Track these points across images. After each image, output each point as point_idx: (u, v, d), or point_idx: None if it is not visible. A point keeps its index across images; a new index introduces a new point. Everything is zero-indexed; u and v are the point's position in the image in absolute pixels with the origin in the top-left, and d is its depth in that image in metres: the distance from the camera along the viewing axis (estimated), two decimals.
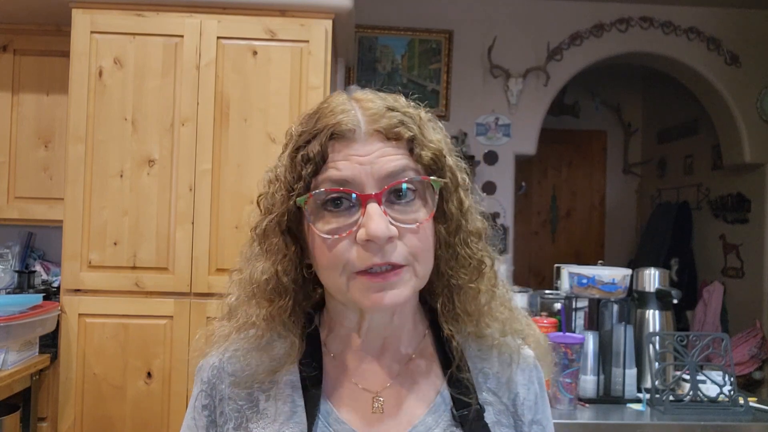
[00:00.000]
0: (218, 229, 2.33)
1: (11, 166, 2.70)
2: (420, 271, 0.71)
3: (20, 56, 2.72)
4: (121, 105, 2.34)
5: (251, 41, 2.37)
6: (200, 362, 0.81)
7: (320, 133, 0.69)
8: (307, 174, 0.69)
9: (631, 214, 5.69)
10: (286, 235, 0.74)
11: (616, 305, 1.92)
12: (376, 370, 0.77)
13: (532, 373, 0.81)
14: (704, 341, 1.88)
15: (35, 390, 2.25)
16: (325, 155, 0.69)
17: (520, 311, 0.83)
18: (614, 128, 5.69)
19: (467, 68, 4.02)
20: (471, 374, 0.78)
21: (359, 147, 0.69)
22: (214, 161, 2.34)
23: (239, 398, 0.76)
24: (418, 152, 0.70)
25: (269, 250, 0.74)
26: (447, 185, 0.73)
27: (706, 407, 1.81)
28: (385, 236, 0.66)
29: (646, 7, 4.02)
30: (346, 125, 0.69)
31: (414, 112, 0.74)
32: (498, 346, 0.79)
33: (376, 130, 0.69)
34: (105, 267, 2.31)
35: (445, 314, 0.78)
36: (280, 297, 0.74)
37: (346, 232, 0.68)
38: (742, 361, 3.84)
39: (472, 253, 0.75)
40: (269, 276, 0.74)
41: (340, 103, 0.72)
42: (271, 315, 0.75)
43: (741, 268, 4.29)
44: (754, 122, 4.03)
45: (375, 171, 0.68)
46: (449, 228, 0.74)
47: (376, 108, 0.71)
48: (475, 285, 0.76)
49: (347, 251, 0.68)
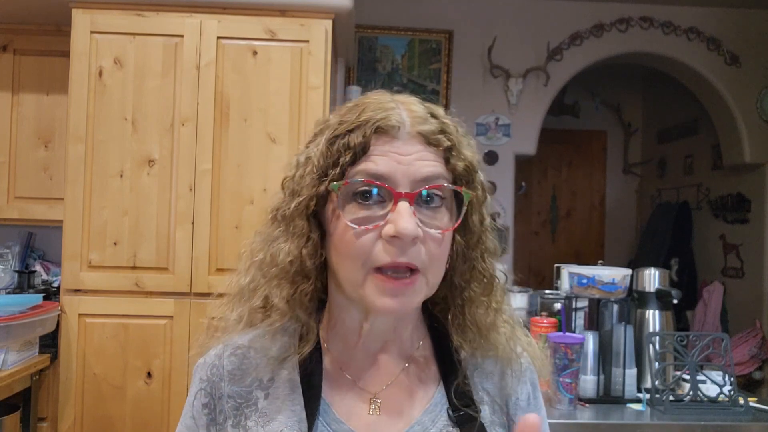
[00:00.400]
0: (218, 229, 2.33)
1: (11, 166, 2.70)
2: (431, 280, 0.71)
3: (20, 56, 2.72)
4: (121, 105, 2.34)
5: (251, 41, 2.37)
6: (199, 360, 0.81)
7: (365, 124, 0.70)
8: (345, 162, 0.70)
9: (631, 214, 5.69)
10: (312, 219, 0.74)
11: (616, 305, 1.92)
12: (375, 370, 0.77)
13: (524, 374, 0.82)
14: (704, 341, 1.88)
15: (35, 390, 2.25)
16: (367, 147, 0.69)
17: (521, 328, 0.84)
18: (614, 128, 5.69)
19: (467, 68, 4.01)
20: (468, 375, 0.79)
21: (400, 145, 0.70)
22: (214, 161, 2.34)
23: (238, 396, 0.76)
24: (454, 163, 0.72)
25: (294, 233, 0.74)
26: (474, 199, 0.74)
27: (706, 407, 1.81)
28: (413, 235, 0.66)
29: (646, 7, 4.01)
30: (391, 121, 0.70)
31: (452, 123, 0.75)
32: (496, 355, 0.80)
33: (419, 132, 0.71)
34: (105, 267, 2.31)
35: (455, 325, 0.79)
36: (303, 280, 0.75)
37: (373, 224, 0.68)
38: (742, 361, 3.84)
39: (488, 268, 0.77)
40: (293, 258, 0.74)
41: (385, 101, 0.73)
42: (293, 297, 0.75)
43: (741, 268, 4.29)
44: (754, 122, 4.03)
45: (411, 172, 0.69)
46: (469, 241, 0.76)
47: (420, 112, 0.73)
48: (486, 299, 0.78)
49: (371, 244, 0.68)
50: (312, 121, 2.36)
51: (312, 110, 2.36)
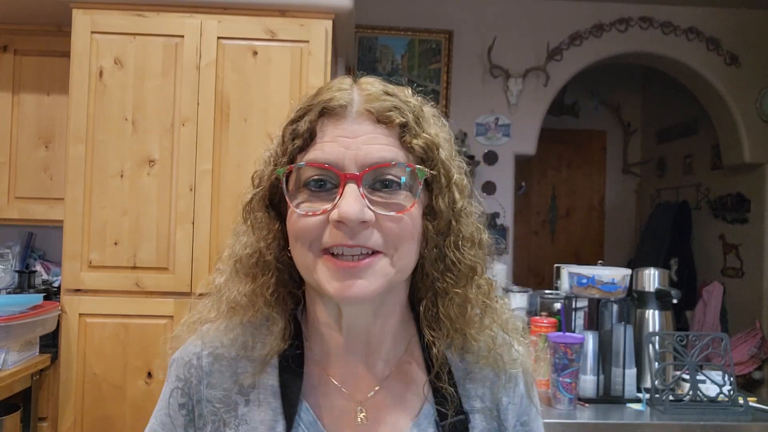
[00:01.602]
0: (218, 229, 2.33)
1: (11, 166, 2.70)
2: (399, 262, 0.67)
3: (20, 56, 2.72)
4: (122, 105, 2.34)
5: (251, 41, 2.37)
6: (174, 354, 0.79)
7: (312, 108, 0.68)
8: (293, 149, 0.68)
9: (631, 214, 5.70)
10: (270, 210, 0.73)
11: (616, 305, 1.92)
12: (361, 375, 0.74)
13: (516, 379, 0.78)
14: (704, 341, 1.88)
15: (35, 390, 2.25)
16: (313, 132, 0.67)
17: (516, 333, 0.79)
18: (614, 128, 5.69)
19: (467, 68, 4.02)
20: (456, 381, 0.75)
21: (347, 126, 0.67)
22: (214, 161, 2.34)
23: (217, 401, 0.73)
24: (408, 140, 0.68)
25: (254, 225, 0.73)
26: (437, 180, 0.70)
27: (706, 407, 1.81)
28: (357, 218, 0.63)
29: (646, 7, 4.02)
30: (337, 101, 0.67)
31: (414, 102, 0.71)
32: (486, 363, 0.76)
33: (367, 110, 0.67)
34: (105, 267, 2.32)
35: (428, 318, 0.74)
36: (263, 273, 0.72)
37: (321, 209, 0.65)
38: (742, 360, 3.84)
39: (462, 258, 0.71)
40: (252, 251, 0.72)
41: (340, 83, 0.71)
42: (254, 292, 0.72)
43: (740, 268, 4.29)
44: (754, 122, 4.03)
45: (361, 156, 0.65)
46: (438, 226, 0.70)
47: (374, 90, 0.69)
48: (462, 291, 0.72)
49: (320, 228, 0.65)
50: None
51: None
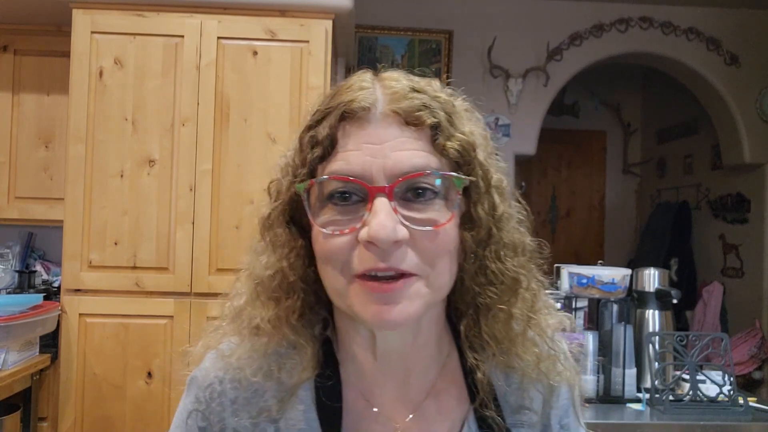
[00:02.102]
0: (218, 229, 2.33)
1: (11, 166, 2.70)
2: (435, 282, 0.60)
3: (20, 56, 2.72)
4: (122, 105, 2.34)
5: (251, 41, 2.37)
6: (193, 373, 0.71)
7: (332, 112, 0.60)
8: (313, 159, 0.61)
9: (631, 214, 5.69)
10: (291, 225, 0.65)
11: (616, 305, 1.92)
12: (398, 398, 0.67)
13: (561, 398, 0.73)
14: (704, 341, 1.88)
15: (35, 390, 2.25)
16: (335, 139, 0.60)
17: (561, 348, 0.71)
18: (614, 128, 5.69)
19: (467, 68, 4.01)
20: (500, 405, 0.69)
21: (373, 130, 0.59)
22: (214, 161, 2.34)
23: (245, 429, 0.66)
24: (442, 143, 0.60)
25: (274, 243, 0.65)
26: (476, 185, 0.62)
27: (706, 407, 1.81)
28: (390, 239, 0.56)
29: (646, 8, 4.01)
30: (359, 103, 0.59)
31: (445, 97, 0.64)
32: (531, 382, 0.69)
33: (393, 111, 0.60)
34: (105, 267, 2.31)
35: (470, 339, 0.67)
36: (287, 296, 0.65)
37: (348, 228, 0.58)
38: (742, 360, 3.84)
39: (505, 269, 0.64)
40: (274, 272, 0.65)
41: (360, 80, 0.63)
42: (278, 317, 0.65)
43: (740, 268, 4.29)
44: (754, 122, 4.03)
45: (389, 166, 0.58)
46: (477, 236, 0.63)
47: (399, 87, 0.61)
48: (506, 307, 0.65)
49: (348, 250, 0.58)
50: None
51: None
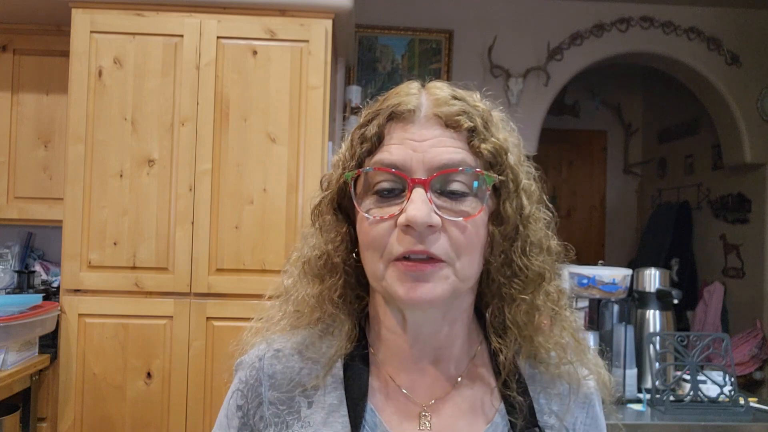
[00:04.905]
0: (218, 229, 2.33)
1: (11, 166, 2.70)
2: (461, 271, 0.67)
3: (20, 56, 2.72)
4: (121, 105, 2.34)
5: (251, 41, 2.37)
6: (239, 358, 0.79)
7: (381, 113, 0.69)
8: (361, 153, 0.69)
9: (632, 214, 5.69)
10: (338, 213, 0.74)
11: (617, 305, 1.92)
12: (427, 382, 0.73)
13: (589, 398, 0.77)
14: (705, 341, 1.88)
15: (35, 390, 2.25)
16: (381, 136, 0.69)
17: (587, 344, 0.78)
18: (614, 128, 5.68)
19: (467, 68, 4.01)
20: (527, 390, 0.73)
21: (416, 130, 0.67)
22: (214, 161, 2.34)
23: (280, 402, 0.73)
24: (477, 144, 0.68)
25: (322, 228, 0.75)
26: (505, 185, 0.70)
27: (707, 407, 1.81)
28: (425, 222, 0.63)
29: (647, 7, 4.01)
30: (406, 106, 0.68)
31: (483, 107, 0.72)
32: (559, 374, 0.75)
33: (435, 114, 0.68)
34: (105, 267, 2.31)
35: (494, 325, 0.74)
36: (330, 275, 0.74)
37: (389, 215, 0.66)
38: (743, 361, 3.84)
39: (530, 264, 0.71)
40: (320, 253, 0.74)
41: (408, 87, 0.72)
42: (321, 293, 0.74)
43: (741, 268, 4.28)
44: (755, 122, 4.02)
45: (428, 159, 0.66)
46: (505, 231, 0.70)
47: (442, 95, 0.70)
48: (529, 297, 0.71)
49: (387, 234, 0.66)
50: (312, 121, 2.37)
51: (312, 110, 2.36)
